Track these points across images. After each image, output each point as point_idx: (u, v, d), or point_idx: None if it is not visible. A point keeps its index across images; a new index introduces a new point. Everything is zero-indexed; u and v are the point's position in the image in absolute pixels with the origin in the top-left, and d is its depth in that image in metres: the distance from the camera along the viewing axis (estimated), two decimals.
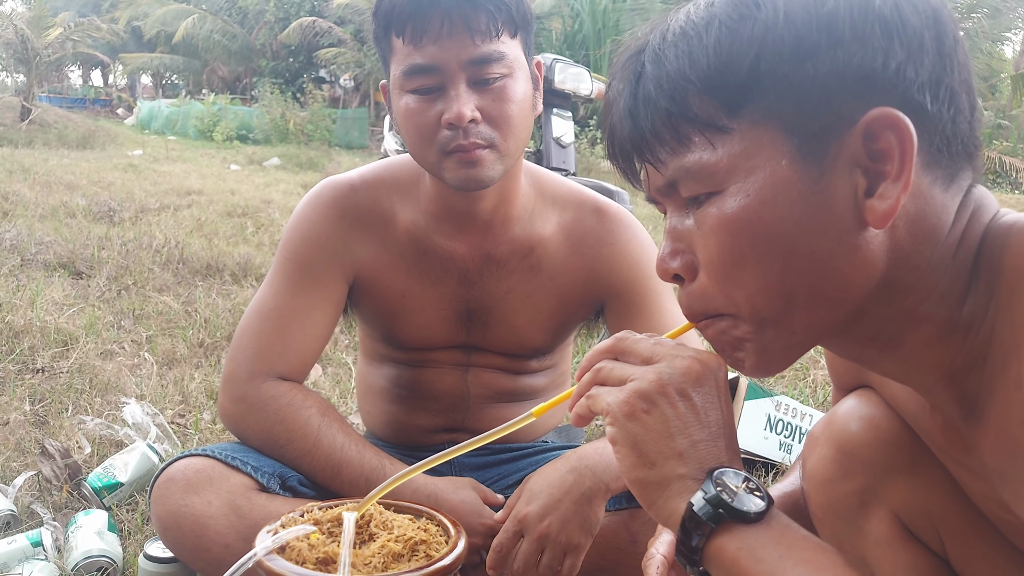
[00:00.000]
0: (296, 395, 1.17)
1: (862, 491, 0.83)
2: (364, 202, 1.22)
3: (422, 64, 1.03)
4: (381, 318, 1.27)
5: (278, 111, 15.12)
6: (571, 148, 3.19)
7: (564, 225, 1.23)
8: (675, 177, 0.62)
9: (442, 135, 1.05)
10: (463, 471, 1.32)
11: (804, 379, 2.73)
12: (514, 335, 1.26)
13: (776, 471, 1.88)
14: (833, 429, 0.86)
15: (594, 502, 1.04)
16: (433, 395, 1.31)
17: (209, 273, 3.57)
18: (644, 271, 1.23)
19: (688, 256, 0.63)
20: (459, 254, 1.21)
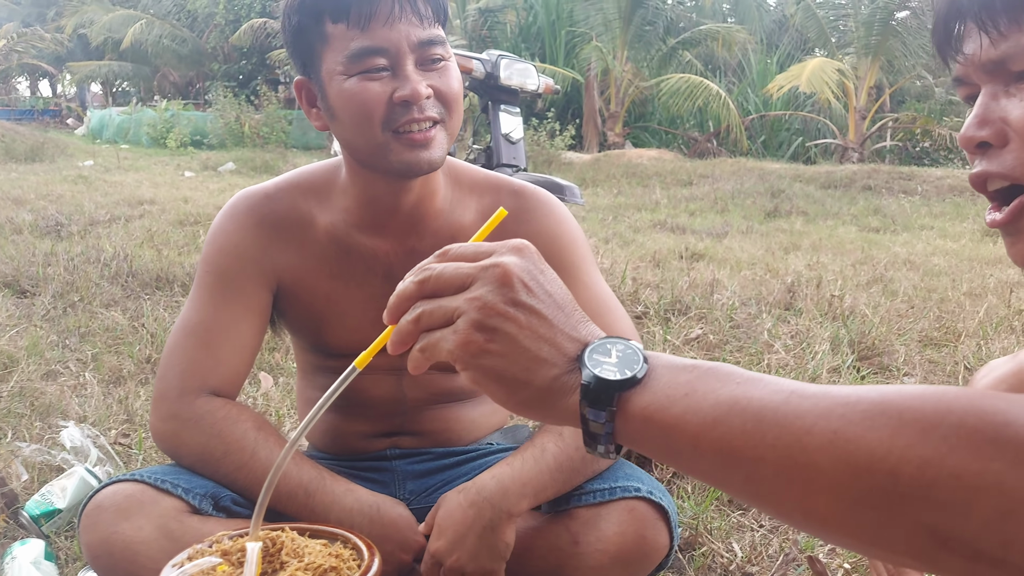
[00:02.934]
0: (231, 410, 1.15)
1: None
2: (281, 208, 1.21)
3: (372, 47, 1.04)
4: (308, 325, 1.25)
5: (232, 115, 14.91)
6: (520, 144, 3.18)
7: (483, 211, 1.22)
8: (1010, 52, 0.63)
9: (392, 112, 1.05)
10: (406, 479, 1.31)
11: (758, 364, 2.76)
12: None
13: None
14: (1017, 359, 0.91)
15: (498, 531, 1.06)
16: (370, 402, 1.29)
17: (159, 285, 3.50)
18: (562, 243, 1.21)
19: (999, 126, 0.65)
20: (382, 251, 1.20)
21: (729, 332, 3.09)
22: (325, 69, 1.07)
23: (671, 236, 5.97)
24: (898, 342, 2.93)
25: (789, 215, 7.49)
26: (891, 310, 3.44)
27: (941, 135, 12.85)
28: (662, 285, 3.84)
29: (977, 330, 3.12)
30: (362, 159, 1.12)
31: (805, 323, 3.18)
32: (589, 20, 14.23)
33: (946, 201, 8.69)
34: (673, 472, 1.78)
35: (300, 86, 1.13)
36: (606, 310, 1.19)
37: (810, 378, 2.51)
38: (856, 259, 4.97)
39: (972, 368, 2.65)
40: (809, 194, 8.80)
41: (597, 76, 13.95)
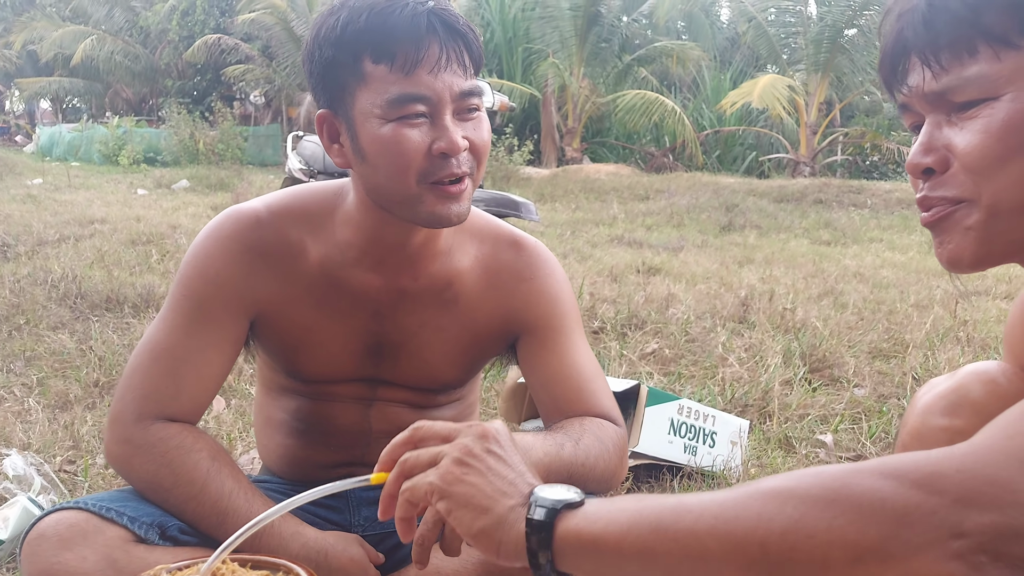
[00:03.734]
0: (186, 438, 1.11)
1: (958, 432, 0.90)
2: (270, 235, 1.16)
3: (416, 94, 1.00)
4: (284, 352, 1.23)
5: (186, 131, 14.71)
6: None
7: (481, 258, 1.20)
8: (951, 85, 0.67)
9: (430, 164, 1.02)
10: (361, 506, 1.29)
11: (713, 377, 2.79)
12: (425, 370, 1.23)
13: (682, 474, 1.91)
14: (956, 377, 0.95)
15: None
16: (333, 429, 1.27)
17: (109, 307, 3.43)
18: (560, 307, 1.21)
19: (942, 152, 0.69)
20: (373, 288, 1.17)
21: (684, 346, 3.12)
22: (358, 109, 1.03)
23: (628, 251, 6.03)
24: (848, 354, 2.99)
25: (743, 229, 7.61)
26: (841, 322, 3.51)
27: (889, 149, 13.18)
28: (619, 300, 3.87)
29: (924, 341, 3.20)
30: (387, 205, 1.08)
31: (758, 336, 3.23)
32: (545, 37, 14.36)
33: (894, 214, 8.92)
34: (628, 489, 1.79)
35: (323, 120, 1.08)
36: (594, 378, 1.18)
37: (763, 391, 2.55)
38: (808, 272, 5.07)
39: (920, 379, 2.72)
40: (762, 208, 8.96)
41: (554, 92, 14.07)
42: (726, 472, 1.91)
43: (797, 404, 2.48)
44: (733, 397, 2.53)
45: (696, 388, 2.64)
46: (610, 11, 14.23)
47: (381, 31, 1.00)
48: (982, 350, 3.09)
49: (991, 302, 4.17)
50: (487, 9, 16.30)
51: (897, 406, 2.49)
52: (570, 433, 1.08)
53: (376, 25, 1.00)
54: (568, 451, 1.05)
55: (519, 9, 15.70)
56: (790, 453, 2.16)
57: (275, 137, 16.30)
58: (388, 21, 0.99)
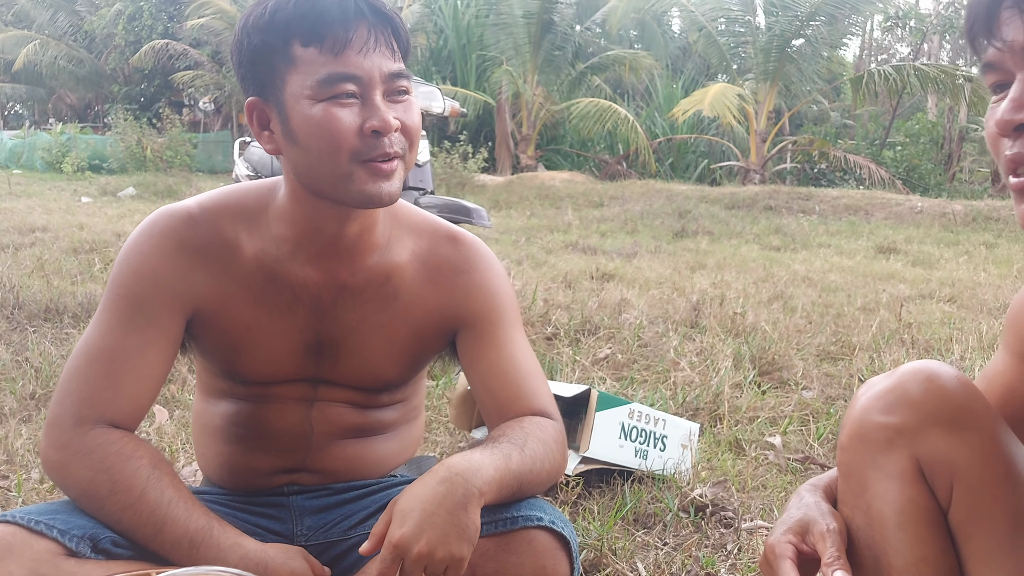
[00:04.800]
0: (126, 444, 1.08)
1: (896, 429, 0.90)
2: (204, 232, 1.14)
3: (345, 73, 1.02)
4: (223, 352, 1.20)
5: (133, 138, 14.41)
6: (427, 167, 3.17)
7: (419, 253, 1.20)
8: None
9: (363, 143, 1.03)
10: (304, 515, 1.26)
11: (665, 381, 2.80)
12: (366, 367, 1.22)
13: (633, 478, 1.91)
14: (894, 376, 0.94)
15: (470, 509, 1.00)
16: (273, 433, 1.24)
17: (48, 317, 3.33)
18: (499, 301, 1.21)
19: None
20: (312, 282, 1.16)
21: (637, 351, 3.13)
22: (289, 92, 1.04)
23: (582, 257, 6.05)
24: (796, 357, 3.03)
25: (695, 235, 7.70)
26: (790, 326, 3.56)
27: (836, 157, 13.47)
28: (573, 306, 3.88)
29: (870, 344, 3.26)
30: (318, 187, 1.08)
31: (710, 340, 3.25)
32: (499, 44, 14.39)
33: (842, 220, 9.11)
34: (579, 494, 1.78)
35: (252, 107, 1.09)
36: (533, 373, 1.19)
37: (714, 394, 2.56)
38: (758, 277, 5.14)
39: (866, 380, 2.76)
40: (714, 214, 9.08)
41: (508, 99, 14.11)
42: (676, 475, 1.91)
43: (747, 407, 2.50)
44: (685, 401, 2.54)
45: (648, 392, 2.65)
46: (563, 19, 14.32)
47: (310, 15, 1.02)
48: (926, 351, 3.16)
49: (935, 305, 4.27)
50: (440, 16, 16.29)
51: (844, 408, 2.52)
52: (514, 440, 1.08)
53: (305, 10, 1.02)
54: (516, 461, 1.05)
55: (472, 16, 15.73)
56: (740, 455, 2.18)
57: (225, 144, 16.04)
58: (316, 6, 1.02)
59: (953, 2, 16.06)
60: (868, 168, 12.73)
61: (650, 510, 1.77)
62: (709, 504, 1.78)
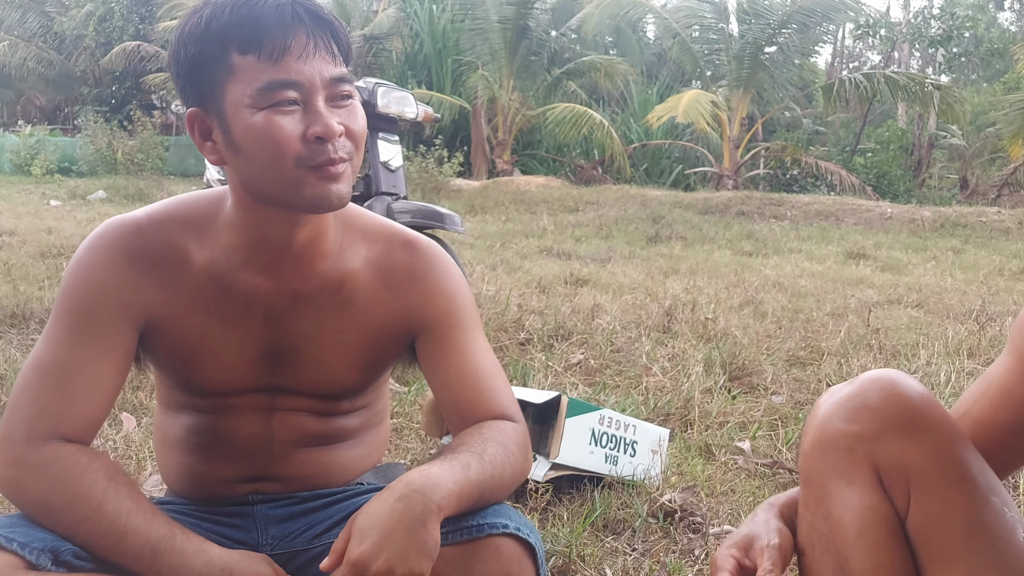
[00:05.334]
0: (81, 458, 1.07)
1: (856, 436, 0.93)
2: (153, 242, 1.13)
3: (286, 80, 1.01)
4: (177, 363, 1.19)
5: (104, 141, 14.22)
6: (400, 172, 3.16)
7: (374, 259, 1.20)
8: None
9: (308, 150, 1.02)
10: (268, 524, 1.25)
11: (637, 387, 2.82)
12: (324, 374, 1.21)
13: (603, 484, 1.92)
14: (855, 384, 0.97)
15: (428, 525, 0.99)
16: (234, 442, 1.23)
17: (14, 323, 3.28)
18: (457, 304, 1.21)
19: None
20: (264, 290, 1.15)
21: (610, 356, 3.15)
22: (229, 102, 1.03)
23: (557, 262, 6.07)
24: (766, 362, 3.06)
25: (669, 240, 7.76)
26: (760, 331, 3.59)
27: (808, 163, 13.63)
28: (546, 311, 3.89)
29: (839, 349, 3.30)
30: (266, 194, 1.07)
31: (681, 346, 3.28)
32: (475, 49, 14.41)
33: (813, 225, 9.22)
34: (548, 501, 1.79)
35: (193, 118, 1.07)
36: (494, 376, 1.19)
37: (685, 400, 2.58)
38: (730, 282, 5.18)
39: (833, 385, 2.80)
40: (688, 220, 9.15)
41: (484, 104, 14.12)
42: (646, 481, 1.93)
43: (717, 412, 2.52)
44: (656, 406, 2.56)
45: (620, 397, 2.66)
46: (539, 25, 14.37)
47: (246, 23, 1.00)
48: (893, 357, 3.21)
49: (902, 310, 4.33)
50: (416, 20, 16.28)
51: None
52: (474, 448, 1.07)
53: (241, 17, 1.00)
54: (475, 470, 1.05)
55: (448, 21, 15.72)
56: (710, 460, 2.19)
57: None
58: (253, 13, 1.00)
59: (922, 11, 16.33)
60: (839, 174, 12.90)
61: (619, 516, 1.78)
62: (678, 509, 1.80)
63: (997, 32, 18.97)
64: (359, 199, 3.17)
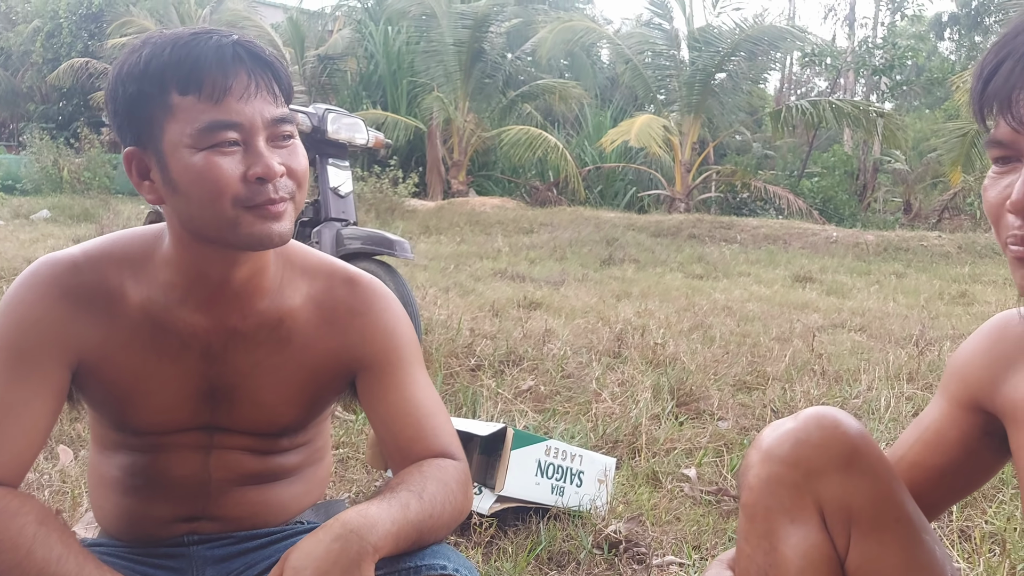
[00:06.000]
0: (10, 502, 1.04)
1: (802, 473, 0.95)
2: (88, 281, 1.12)
3: (226, 120, 1.00)
4: (111, 402, 1.17)
5: (49, 158, 13.91)
6: (350, 198, 3.15)
7: (314, 295, 1.19)
8: None
9: (248, 190, 1.01)
10: (205, 565, 1.23)
11: (586, 413, 2.84)
12: (263, 412, 1.20)
13: (549, 515, 1.92)
14: (797, 420, 0.98)
15: (364, 566, 0.98)
16: (170, 482, 1.21)
17: None
18: (397, 342, 1.20)
19: None
20: (202, 328, 1.14)
21: (560, 383, 3.16)
22: (167, 141, 1.02)
23: (511, 285, 6.08)
24: (713, 387, 3.11)
25: (622, 263, 7.84)
26: (708, 356, 3.64)
27: (757, 187, 13.91)
28: (498, 336, 3.89)
29: (783, 374, 3.36)
30: (204, 233, 1.06)
31: (631, 371, 3.31)
32: (430, 71, 14.45)
33: (761, 249, 9.39)
34: (492, 534, 1.78)
35: (130, 157, 1.06)
36: (435, 413, 1.19)
37: (633, 426, 2.60)
38: (680, 306, 5.25)
39: (778, 411, 2.85)
40: (641, 242, 9.26)
41: (439, 125, 14.16)
42: (592, 511, 1.93)
43: (665, 438, 2.54)
44: (605, 433, 2.57)
45: (569, 424, 2.67)
46: (494, 48, 14.49)
47: (186, 62, 1.00)
48: (835, 382, 3.28)
49: (846, 334, 4.43)
50: (371, 41, 16.28)
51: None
52: (413, 488, 1.07)
53: (181, 57, 1.00)
54: (414, 510, 1.04)
55: (403, 42, 15.76)
56: (656, 488, 2.21)
57: None
58: (193, 52, 1.00)
59: (865, 41, 16.84)
60: (787, 198, 13.19)
61: (564, 548, 1.78)
62: (623, 540, 1.81)
63: (938, 61, 19.65)
64: (308, 225, 3.15)
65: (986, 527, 1.92)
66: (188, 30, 1.03)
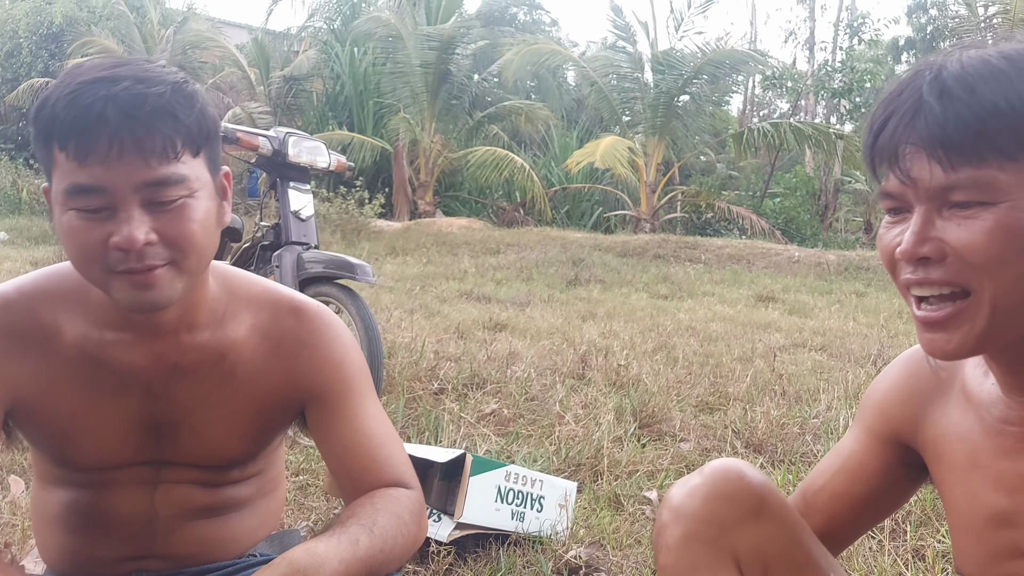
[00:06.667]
0: None
1: (719, 528, 0.97)
2: (21, 318, 1.10)
3: (87, 184, 0.94)
4: (50, 440, 1.14)
5: (8, 180, 13.65)
6: (311, 221, 3.13)
7: (260, 327, 1.16)
8: (957, 183, 0.73)
9: (111, 256, 0.96)
10: None
11: (550, 436, 2.83)
12: (209, 447, 1.17)
13: (509, 541, 1.91)
14: (704, 474, 1.00)
15: None
16: (115, 520, 1.18)
17: None
18: (346, 372, 1.18)
19: (938, 244, 0.75)
20: (141, 365, 1.11)
21: (524, 405, 3.16)
22: (53, 191, 0.99)
23: (477, 306, 6.08)
24: (675, 408, 3.12)
25: (588, 283, 7.87)
26: (671, 377, 3.66)
27: (721, 207, 14.09)
28: (463, 358, 3.88)
29: (745, 394, 3.39)
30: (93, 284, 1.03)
31: (594, 393, 3.32)
32: (396, 92, 14.47)
33: (725, 268, 9.50)
34: (451, 563, 1.77)
35: (45, 192, 1.03)
36: (387, 443, 1.17)
37: (595, 449, 2.61)
38: (645, 326, 5.28)
39: (739, 432, 2.87)
40: (607, 262, 9.31)
41: (406, 146, 14.16)
42: (552, 537, 1.93)
43: (627, 461, 2.55)
44: (568, 456, 2.57)
45: (532, 448, 2.67)
46: (460, 69, 14.55)
47: (65, 117, 0.95)
48: (796, 402, 3.31)
49: (807, 354, 4.49)
50: (337, 62, 16.28)
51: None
52: (363, 521, 1.06)
53: (60, 110, 0.95)
54: (364, 545, 1.03)
55: (369, 64, 15.78)
56: (618, 511, 2.21)
57: None
58: (69, 107, 0.94)
59: (824, 65, 17.20)
60: (750, 218, 13.37)
61: (524, 574, 1.77)
62: (583, 565, 1.80)
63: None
64: (269, 249, 3.13)
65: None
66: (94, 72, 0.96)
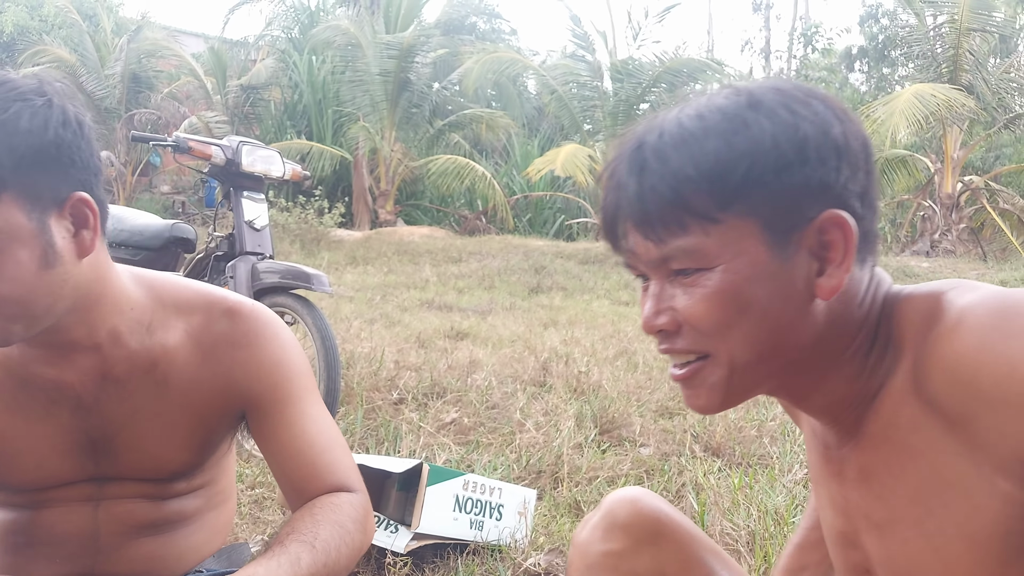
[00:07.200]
0: None
1: (616, 555, 1.01)
2: None
3: None
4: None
5: None
6: (266, 231, 3.09)
7: (192, 332, 1.12)
8: (670, 254, 0.75)
9: None
10: None
11: (511, 444, 2.82)
12: (149, 459, 1.14)
13: (468, 550, 1.90)
14: (602, 508, 1.06)
15: None
16: (55, 540, 1.14)
17: None
18: (284, 374, 1.14)
19: (672, 314, 0.77)
20: (67, 381, 1.07)
21: (484, 414, 3.14)
22: None
23: (438, 315, 6.05)
24: (636, 414, 3.13)
25: (550, 291, 7.89)
26: (631, 383, 3.68)
27: None
28: (423, 368, 3.86)
29: None
30: None
31: (555, 400, 3.31)
32: (356, 101, 14.39)
33: None
34: (408, 573, 1.75)
35: None
36: (329, 447, 1.14)
37: (556, 456, 2.60)
38: (606, 332, 5.30)
39: (698, 436, 2.89)
40: (569, 270, 9.34)
41: (366, 155, 14.07)
42: (511, 545, 1.92)
43: (587, 467, 2.55)
44: (528, 463, 2.56)
45: (492, 456, 2.66)
46: (420, 78, 14.52)
47: None
48: (753, 405, 3.34)
49: None
50: (295, 71, 16.14)
51: (677, 463, 2.62)
52: (304, 537, 1.03)
53: None
54: (306, 563, 1.00)
55: (328, 72, 15.67)
56: (578, 518, 2.21)
57: None
58: None
59: (779, 73, 17.51)
60: None
61: None
62: (542, 573, 1.79)
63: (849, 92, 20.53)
64: (223, 259, 3.08)
65: None
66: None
